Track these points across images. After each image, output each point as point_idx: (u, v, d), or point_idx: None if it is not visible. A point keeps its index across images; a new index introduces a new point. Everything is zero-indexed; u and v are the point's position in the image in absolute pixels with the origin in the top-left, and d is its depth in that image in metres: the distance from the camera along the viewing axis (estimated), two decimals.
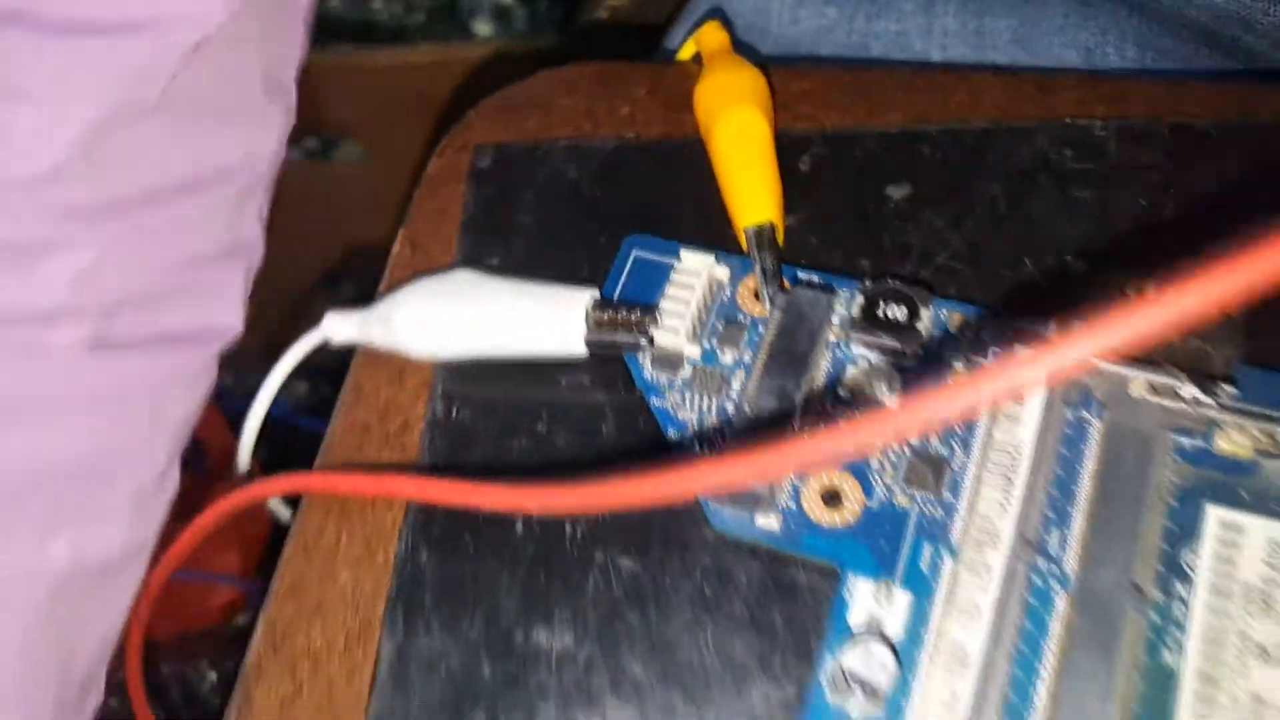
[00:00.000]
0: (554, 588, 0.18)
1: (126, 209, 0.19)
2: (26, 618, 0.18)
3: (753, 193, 0.21)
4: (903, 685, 0.16)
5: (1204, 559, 0.16)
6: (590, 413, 0.20)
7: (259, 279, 0.21)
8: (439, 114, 0.48)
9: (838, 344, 0.19)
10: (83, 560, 0.19)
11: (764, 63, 0.23)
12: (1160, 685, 0.16)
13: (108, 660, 0.20)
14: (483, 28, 0.55)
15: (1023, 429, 0.17)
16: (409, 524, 0.20)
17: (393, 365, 0.22)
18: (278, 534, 0.22)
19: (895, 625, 0.16)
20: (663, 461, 0.14)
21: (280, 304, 0.45)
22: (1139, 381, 0.17)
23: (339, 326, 0.22)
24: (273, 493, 0.21)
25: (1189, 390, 0.17)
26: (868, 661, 0.15)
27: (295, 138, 0.21)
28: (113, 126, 0.18)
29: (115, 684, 0.25)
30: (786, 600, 0.17)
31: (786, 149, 0.22)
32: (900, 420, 0.11)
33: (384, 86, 0.51)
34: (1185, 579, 0.16)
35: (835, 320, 0.19)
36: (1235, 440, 0.17)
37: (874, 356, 0.19)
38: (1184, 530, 0.17)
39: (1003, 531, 0.16)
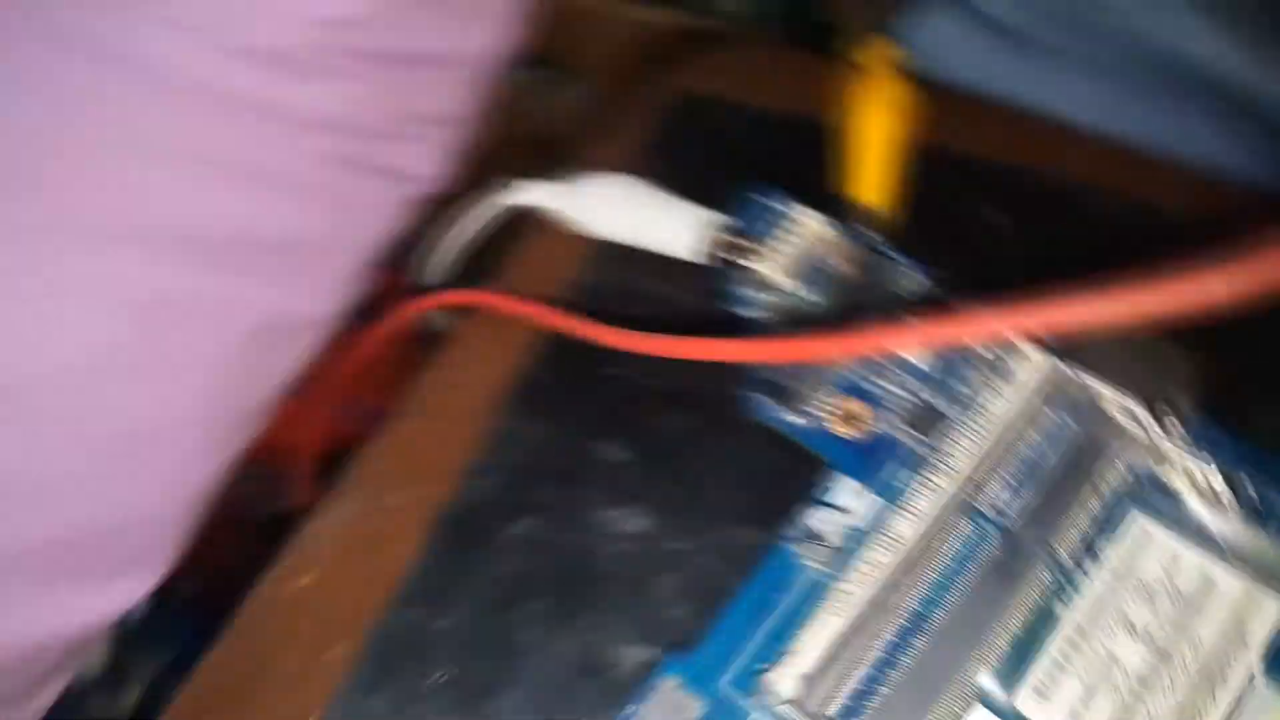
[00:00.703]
0: (622, 417, 0.24)
1: (390, 62, 0.24)
2: (225, 348, 0.23)
3: (869, 176, 0.26)
4: (847, 555, 0.21)
5: (1115, 549, 0.21)
6: (693, 304, 0.26)
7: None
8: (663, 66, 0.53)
9: (896, 308, 0.24)
10: (279, 316, 0.25)
11: (920, 80, 0.28)
12: (1042, 624, 0.20)
13: (264, 423, 0.26)
14: (729, 4, 0.60)
15: (1005, 404, 0.22)
16: (539, 348, 0.25)
17: (560, 232, 0.28)
18: None
19: (860, 514, 0.21)
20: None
21: None
22: (1111, 400, 0.22)
23: (527, 192, 0.28)
24: (448, 303, 0.27)
25: (1146, 418, 0.21)
26: (825, 526, 0.21)
27: (531, 65, 0.26)
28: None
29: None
30: (788, 477, 0.23)
31: (915, 154, 0.27)
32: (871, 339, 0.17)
33: (621, 36, 0.57)
34: (1095, 558, 0.21)
35: (902, 292, 0.24)
36: (1173, 472, 0.21)
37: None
38: (1109, 523, 0.21)
39: (959, 470, 0.21)
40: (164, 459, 0.23)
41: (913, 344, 0.17)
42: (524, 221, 0.29)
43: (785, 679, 0.19)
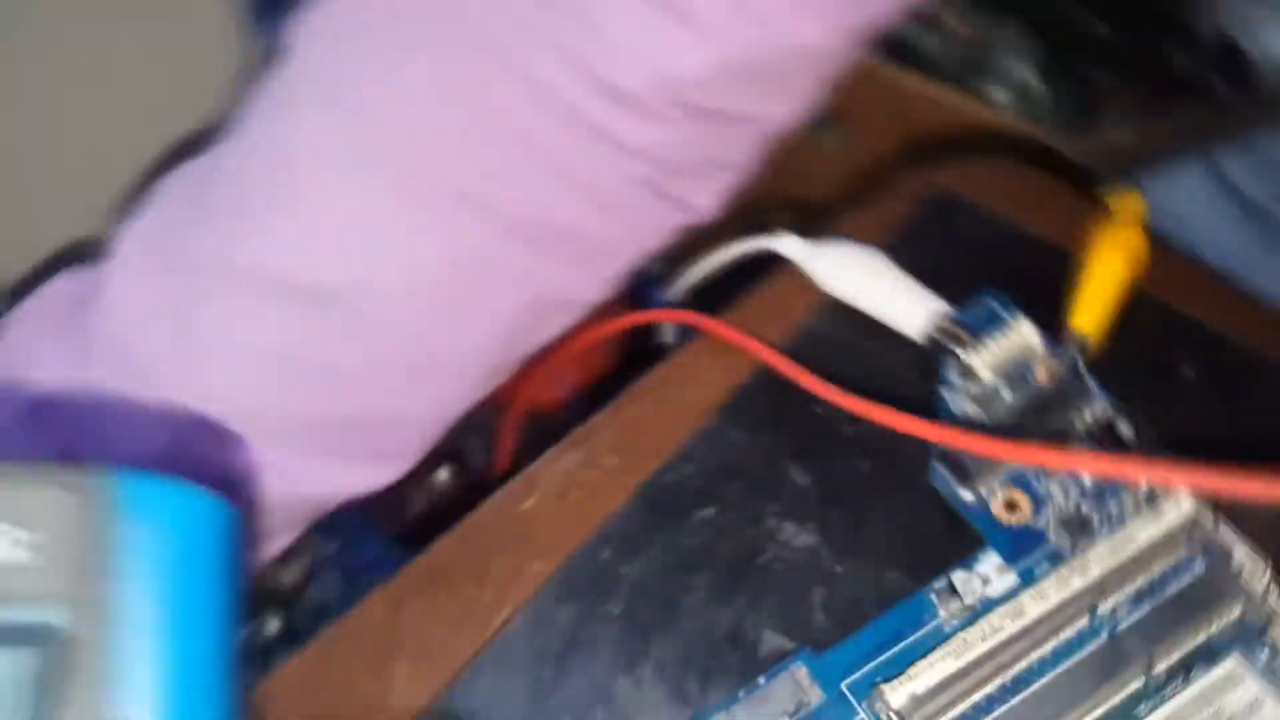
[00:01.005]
0: (814, 448, 0.28)
1: (708, 117, 0.29)
2: (513, 308, 0.28)
3: (1090, 309, 0.29)
4: (976, 614, 0.24)
5: (1205, 679, 0.24)
6: (901, 374, 0.30)
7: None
8: (920, 144, 0.56)
9: (1078, 430, 0.27)
10: (558, 293, 0.29)
11: (1154, 233, 0.31)
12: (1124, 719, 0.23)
13: (510, 375, 0.31)
14: (1000, 95, 0.63)
15: (1148, 531, 0.25)
16: (758, 372, 0.30)
17: (800, 282, 0.32)
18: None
19: (997, 587, 0.25)
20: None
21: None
22: (1242, 554, 0.24)
23: (782, 241, 0.32)
24: (679, 319, 0.32)
25: (1268, 579, 0.24)
26: (964, 587, 0.24)
27: None
28: (724, 67, 0.28)
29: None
30: (945, 541, 0.26)
31: (1132, 298, 0.30)
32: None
33: (891, 100, 0.60)
34: (1186, 681, 0.24)
35: (1087, 415, 0.28)
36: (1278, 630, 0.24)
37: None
38: (1207, 654, 0.24)
39: (1092, 575, 0.24)
40: (440, 380, 0.29)
41: (1081, 468, 0.21)
42: (769, 265, 0.33)
43: (897, 694, 0.23)
